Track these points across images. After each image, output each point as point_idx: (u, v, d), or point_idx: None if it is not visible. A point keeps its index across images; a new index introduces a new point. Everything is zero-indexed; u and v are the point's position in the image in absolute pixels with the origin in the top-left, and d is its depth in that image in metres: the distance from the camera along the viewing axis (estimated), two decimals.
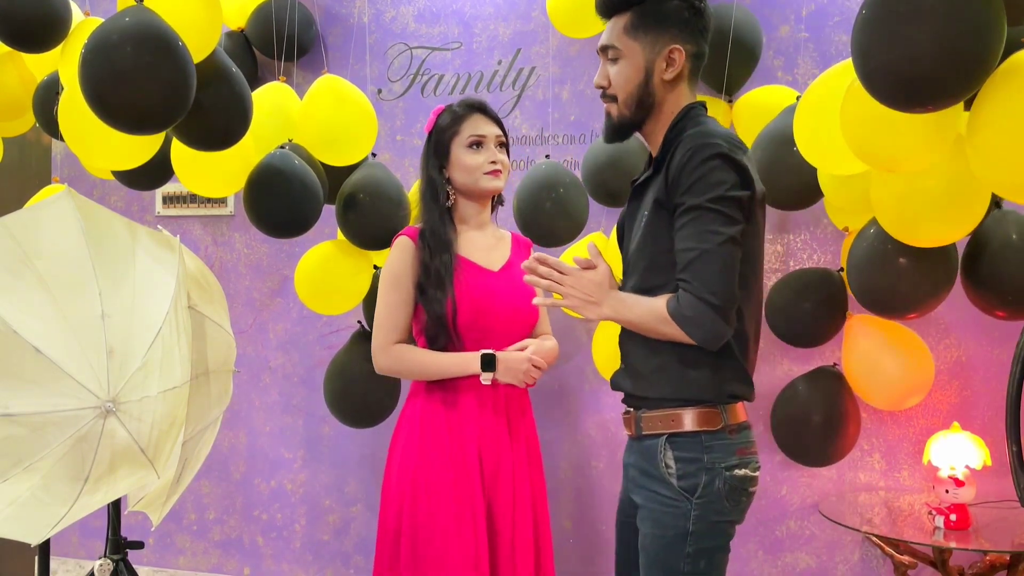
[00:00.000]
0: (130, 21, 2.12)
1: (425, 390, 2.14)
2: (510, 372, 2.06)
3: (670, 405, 1.65)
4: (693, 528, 1.60)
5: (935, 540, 2.29)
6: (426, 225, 2.16)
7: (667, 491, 1.63)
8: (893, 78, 1.64)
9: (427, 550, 2.02)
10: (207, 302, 2.06)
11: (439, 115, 2.22)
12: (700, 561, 1.61)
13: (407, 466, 2.09)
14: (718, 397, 1.64)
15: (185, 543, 3.64)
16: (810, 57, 2.90)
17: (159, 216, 3.68)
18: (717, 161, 1.55)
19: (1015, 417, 1.97)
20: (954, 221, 2.03)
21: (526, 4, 3.22)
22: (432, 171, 2.19)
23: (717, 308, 1.55)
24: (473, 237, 2.20)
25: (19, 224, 1.75)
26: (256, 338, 3.55)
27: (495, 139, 2.18)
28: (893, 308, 2.31)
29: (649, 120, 1.71)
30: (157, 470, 1.79)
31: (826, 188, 2.38)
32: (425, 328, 2.12)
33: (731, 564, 2.85)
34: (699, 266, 1.55)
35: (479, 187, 2.16)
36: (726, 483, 1.62)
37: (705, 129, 1.61)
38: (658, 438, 1.65)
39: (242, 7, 3.23)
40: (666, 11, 1.65)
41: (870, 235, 2.25)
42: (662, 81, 1.67)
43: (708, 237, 1.54)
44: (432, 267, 2.08)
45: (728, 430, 1.64)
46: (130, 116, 2.17)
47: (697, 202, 1.55)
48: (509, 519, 2.08)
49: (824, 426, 2.59)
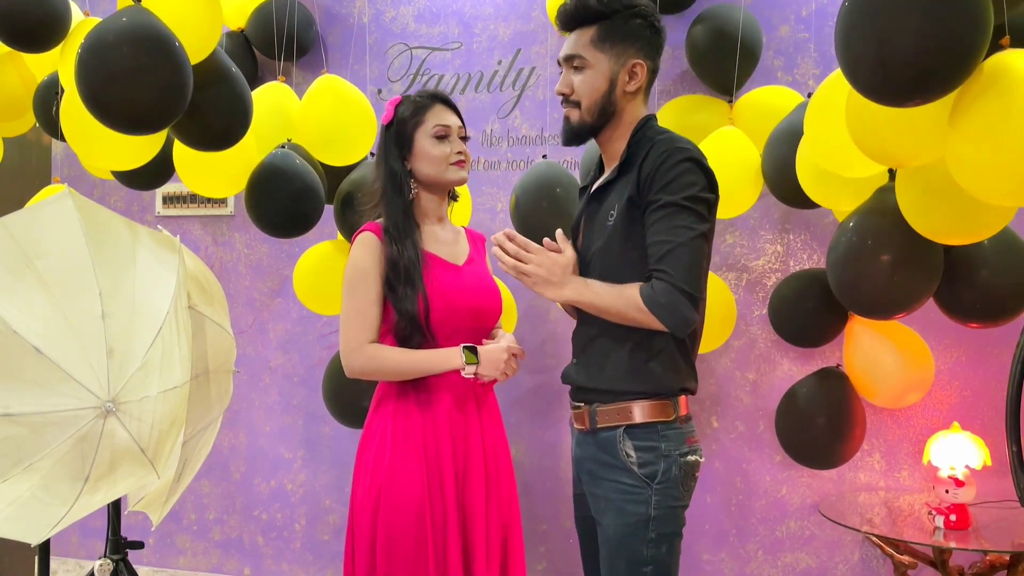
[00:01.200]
0: (127, 21, 2.13)
1: (396, 394, 2.06)
2: (491, 364, 2.01)
3: (625, 398, 1.73)
4: (654, 514, 1.68)
5: (935, 540, 2.29)
6: (389, 220, 2.06)
7: (629, 479, 1.70)
8: (876, 71, 1.63)
9: (403, 556, 1.96)
10: (207, 302, 2.06)
11: (397, 105, 2.13)
12: (661, 546, 1.69)
13: (380, 473, 2.01)
14: (670, 391, 1.72)
15: (185, 543, 3.64)
16: (810, 57, 2.90)
17: (159, 216, 3.68)
18: (690, 164, 1.66)
19: (1015, 417, 1.97)
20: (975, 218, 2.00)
21: (526, 4, 3.22)
22: (394, 163, 2.09)
23: (690, 297, 1.63)
24: (435, 232, 2.13)
25: (19, 224, 1.75)
26: (256, 338, 3.55)
27: (458, 130, 2.12)
28: (873, 307, 2.27)
29: (607, 127, 1.80)
30: (157, 470, 1.79)
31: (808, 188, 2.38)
32: (396, 328, 2.03)
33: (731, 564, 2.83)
34: (674, 257, 1.63)
35: (445, 178, 2.09)
36: (680, 469, 1.71)
37: (674, 136, 1.73)
38: (615, 430, 1.73)
39: (242, 7, 3.23)
40: (630, 28, 1.75)
41: (849, 230, 2.23)
42: (624, 92, 1.77)
43: (682, 232, 1.64)
44: (400, 263, 2.00)
45: (680, 420, 1.73)
46: (126, 116, 2.17)
47: (672, 199, 1.65)
48: (482, 520, 2.05)
49: (830, 428, 2.58)
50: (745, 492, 2.95)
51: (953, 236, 2.07)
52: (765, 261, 2.97)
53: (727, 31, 2.69)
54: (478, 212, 3.22)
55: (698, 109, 2.84)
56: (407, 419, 2.03)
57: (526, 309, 3.15)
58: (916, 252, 2.13)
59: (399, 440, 2.02)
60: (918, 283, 2.17)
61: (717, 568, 2.98)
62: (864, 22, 1.62)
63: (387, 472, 2.00)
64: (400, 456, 2.01)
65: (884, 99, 1.69)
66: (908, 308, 2.21)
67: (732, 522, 2.96)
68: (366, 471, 2.05)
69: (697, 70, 2.85)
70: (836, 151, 2.16)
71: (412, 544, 1.96)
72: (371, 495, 2.01)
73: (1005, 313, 2.27)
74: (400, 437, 2.02)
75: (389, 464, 2.00)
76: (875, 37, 1.59)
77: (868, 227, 2.18)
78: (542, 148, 3.17)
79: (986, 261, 2.22)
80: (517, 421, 3.20)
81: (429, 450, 2.01)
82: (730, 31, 2.69)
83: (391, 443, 2.02)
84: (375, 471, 2.02)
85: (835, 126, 2.08)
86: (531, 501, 3.18)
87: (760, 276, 2.97)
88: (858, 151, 2.00)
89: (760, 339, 2.95)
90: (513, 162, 3.23)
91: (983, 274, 2.21)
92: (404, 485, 1.99)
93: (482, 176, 3.27)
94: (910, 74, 1.59)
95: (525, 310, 3.14)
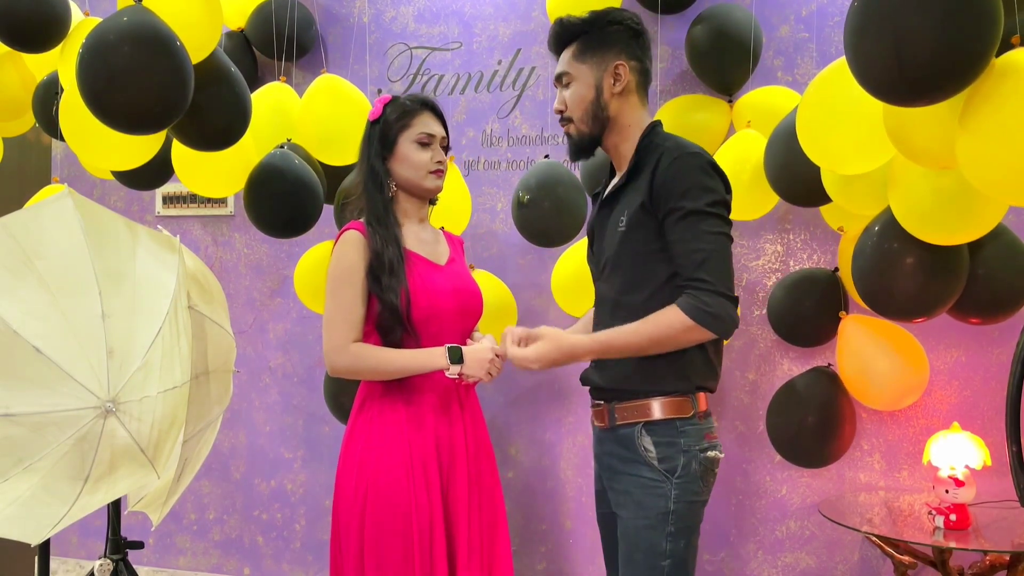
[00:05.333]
0: (127, 21, 2.12)
1: (380, 395, 2.06)
2: (477, 364, 1.99)
3: (643, 396, 1.75)
4: (674, 508, 1.70)
5: (935, 540, 2.29)
6: (371, 214, 2.07)
7: (649, 472, 1.73)
8: (891, 70, 1.62)
9: (391, 556, 1.95)
10: (207, 302, 2.05)
11: (386, 105, 2.14)
12: (680, 540, 1.71)
13: (366, 474, 2.00)
14: (687, 388, 1.74)
15: (185, 543, 3.64)
16: (810, 57, 2.90)
17: (159, 216, 3.68)
18: (706, 168, 1.70)
19: (1015, 417, 1.97)
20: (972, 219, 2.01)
21: (526, 4, 3.22)
22: (375, 160, 2.10)
23: (734, 300, 1.68)
24: (416, 231, 2.14)
25: (19, 224, 1.75)
26: (256, 338, 3.55)
27: (441, 140, 2.14)
28: (898, 310, 2.27)
29: (609, 134, 1.85)
30: (157, 470, 1.79)
31: (831, 189, 2.37)
32: (379, 320, 2.03)
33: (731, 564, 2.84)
34: (713, 265, 1.66)
35: (423, 185, 2.10)
36: (700, 464, 1.73)
37: (682, 141, 1.75)
38: (633, 427, 1.75)
39: (242, 7, 3.23)
40: (607, 35, 1.82)
41: (875, 234, 2.23)
42: (612, 95, 1.82)
43: (713, 238, 1.67)
44: (385, 255, 2.01)
45: (698, 416, 1.75)
46: (127, 116, 2.17)
47: (696, 206, 1.67)
48: (465, 522, 2.05)
49: (818, 427, 2.60)
50: (745, 492, 2.96)
51: (948, 236, 2.07)
52: (765, 261, 2.97)
53: (727, 31, 2.70)
54: (478, 212, 3.22)
55: (698, 109, 2.84)
56: (392, 420, 2.03)
57: (526, 309, 3.15)
58: (942, 254, 2.13)
59: (384, 441, 2.02)
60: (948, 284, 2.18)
61: (717, 568, 2.98)
62: (879, 21, 1.60)
63: (373, 473, 2.00)
64: (386, 457, 2.00)
65: (895, 99, 1.69)
66: (936, 310, 2.23)
67: (732, 522, 2.96)
68: (351, 473, 2.04)
69: (697, 70, 2.85)
70: (829, 149, 2.16)
71: (400, 543, 1.96)
72: (358, 496, 2.01)
73: (1003, 308, 2.27)
74: (385, 438, 2.02)
75: (375, 465, 2.00)
76: (892, 36, 1.58)
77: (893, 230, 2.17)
78: (542, 148, 3.17)
79: (984, 259, 2.22)
80: (516, 421, 3.20)
81: (414, 451, 2.01)
82: (730, 31, 2.69)
83: (377, 444, 2.02)
84: (361, 472, 2.02)
85: (827, 124, 2.08)
86: (531, 501, 3.18)
87: (760, 276, 2.97)
88: (851, 148, 2.00)
89: (760, 339, 2.95)
90: (513, 162, 3.23)
91: (980, 272, 2.22)
92: (391, 485, 1.99)
93: (482, 176, 3.27)
94: (925, 73, 1.58)
95: (525, 310, 3.14)
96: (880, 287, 2.22)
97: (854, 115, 2.03)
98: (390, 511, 1.97)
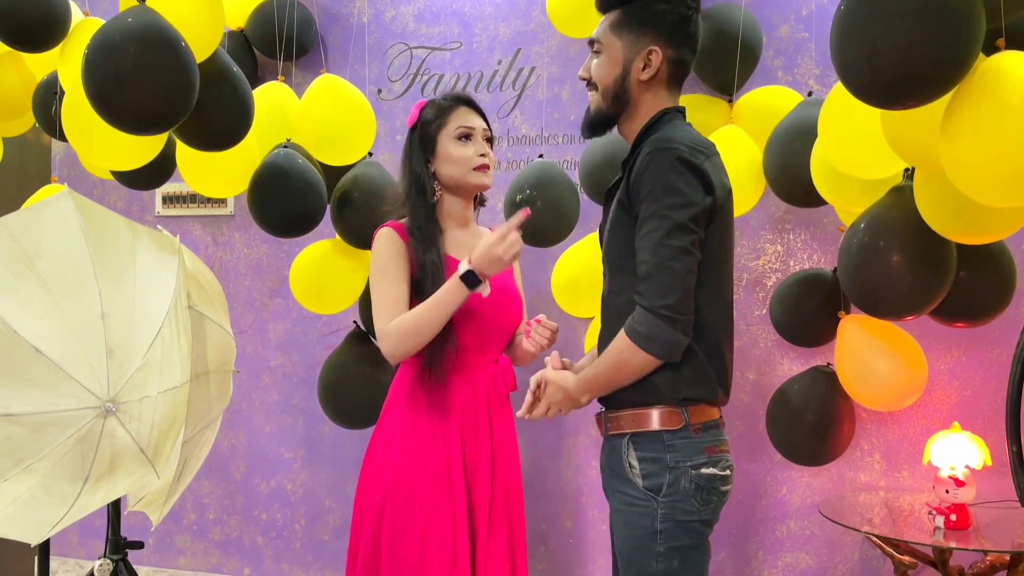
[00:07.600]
0: (133, 22, 2.12)
1: (407, 396, 2.06)
2: (490, 261, 1.89)
3: (630, 406, 1.66)
4: (661, 527, 1.60)
5: (935, 540, 2.29)
6: (413, 223, 2.06)
7: (633, 491, 1.64)
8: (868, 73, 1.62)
9: (408, 553, 1.96)
10: (207, 302, 2.05)
11: (422, 108, 2.14)
12: (673, 560, 1.60)
13: (387, 473, 2.02)
14: (674, 400, 1.62)
15: (185, 543, 3.64)
16: (810, 57, 2.90)
17: (159, 216, 3.68)
18: (677, 166, 1.55)
19: (1015, 417, 1.97)
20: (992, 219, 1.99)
21: (526, 4, 3.22)
22: (417, 165, 2.09)
23: (670, 320, 1.54)
24: (457, 236, 2.13)
25: (19, 224, 1.75)
26: (256, 338, 3.55)
27: (483, 132, 2.11)
28: (887, 308, 2.25)
29: (626, 119, 1.73)
30: (157, 470, 1.79)
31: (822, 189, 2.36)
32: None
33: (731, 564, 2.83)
34: (652, 280, 1.55)
35: (467, 182, 2.08)
36: (692, 482, 1.61)
37: (668, 134, 1.61)
38: (622, 437, 1.66)
39: (242, 7, 3.23)
40: (652, 13, 1.67)
41: (860, 231, 2.21)
42: (638, 81, 1.68)
43: (662, 250, 1.54)
44: (427, 264, 2.01)
45: (692, 429, 1.62)
46: (133, 117, 2.17)
47: (653, 210, 1.55)
48: (486, 518, 2.06)
49: (817, 425, 2.59)
50: (745, 492, 2.95)
51: (971, 235, 2.04)
52: (765, 261, 2.97)
53: (727, 31, 2.69)
54: (478, 212, 3.22)
55: (698, 109, 2.83)
56: (417, 421, 2.04)
57: (526, 309, 3.15)
58: (931, 250, 2.10)
59: (408, 441, 2.03)
60: (935, 281, 2.15)
61: (717, 568, 2.98)
62: (858, 28, 1.62)
63: (394, 472, 2.01)
64: (408, 457, 2.02)
65: (875, 102, 1.70)
66: (923, 308, 2.20)
67: (732, 522, 2.96)
68: (373, 470, 2.06)
69: (697, 70, 2.84)
70: (851, 153, 2.13)
71: (418, 544, 1.97)
72: (378, 494, 2.02)
73: (986, 312, 2.26)
74: (409, 439, 2.03)
75: (396, 464, 2.01)
76: (867, 44, 1.60)
77: (882, 226, 2.16)
78: (542, 148, 3.17)
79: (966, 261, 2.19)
80: (516, 421, 3.19)
81: (438, 452, 2.02)
82: (730, 31, 2.69)
83: (400, 444, 2.03)
84: (382, 471, 2.03)
85: (850, 128, 2.06)
86: (531, 501, 3.18)
87: (760, 276, 2.97)
88: (873, 153, 1.98)
89: (761, 339, 2.95)
90: (513, 162, 3.23)
91: (962, 275, 2.18)
92: (411, 485, 2.00)
93: None
94: (897, 80, 1.59)
95: (525, 310, 3.13)
96: (867, 285, 2.20)
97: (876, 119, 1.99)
98: (409, 510, 1.99)
